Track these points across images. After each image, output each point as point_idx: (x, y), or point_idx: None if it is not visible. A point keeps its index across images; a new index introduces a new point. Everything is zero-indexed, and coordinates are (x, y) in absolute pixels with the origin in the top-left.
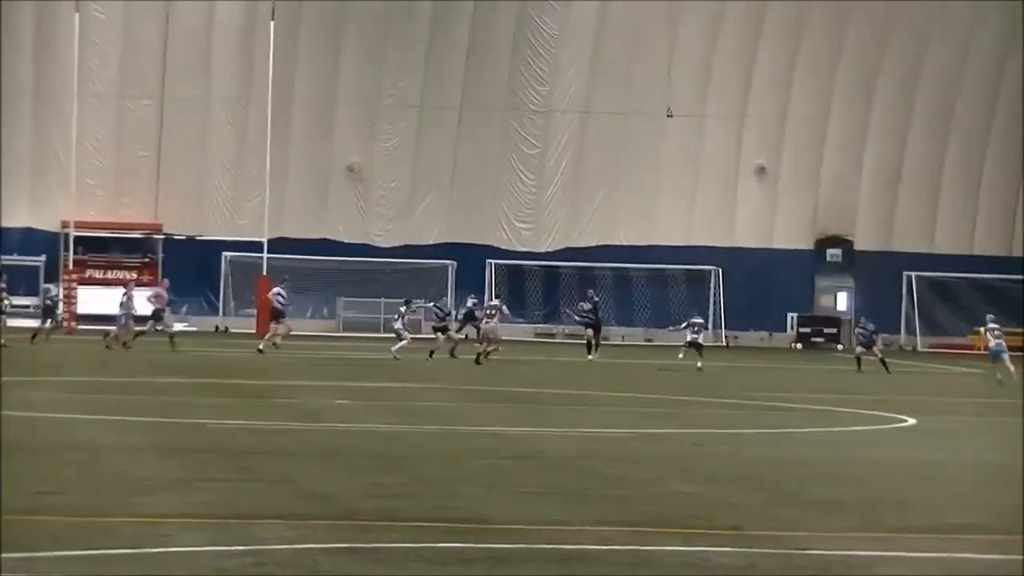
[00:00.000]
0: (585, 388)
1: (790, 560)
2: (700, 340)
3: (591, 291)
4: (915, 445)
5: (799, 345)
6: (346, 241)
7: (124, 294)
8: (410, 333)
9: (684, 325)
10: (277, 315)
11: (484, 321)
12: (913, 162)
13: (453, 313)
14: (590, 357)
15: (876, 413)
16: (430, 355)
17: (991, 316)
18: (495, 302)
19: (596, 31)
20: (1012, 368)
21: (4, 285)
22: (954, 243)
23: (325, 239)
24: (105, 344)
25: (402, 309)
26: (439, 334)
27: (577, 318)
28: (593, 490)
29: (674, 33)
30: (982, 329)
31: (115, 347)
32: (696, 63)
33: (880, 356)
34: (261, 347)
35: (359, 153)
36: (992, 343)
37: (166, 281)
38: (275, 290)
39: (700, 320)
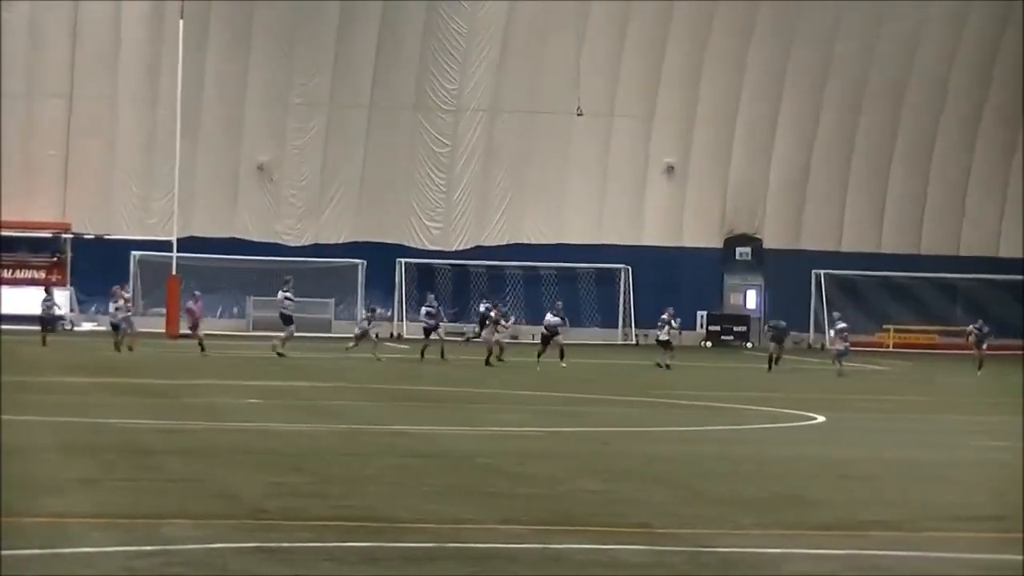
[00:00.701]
0: (492, 387)
1: (697, 557)
2: (668, 337)
3: (431, 294)
4: (822, 442)
5: (709, 343)
6: (256, 240)
7: (119, 299)
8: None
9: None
10: (286, 320)
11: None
12: (821, 161)
13: (442, 313)
14: (426, 356)
15: (784, 411)
16: (421, 356)
17: (838, 315)
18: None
19: (505, 30)
20: (839, 366)
21: None
22: (862, 241)
23: (235, 238)
24: (126, 347)
25: (367, 314)
26: (430, 335)
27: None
28: (501, 488)
29: (582, 32)
30: (832, 332)
31: (133, 348)
32: (605, 62)
33: (773, 353)
34: (281, 351)
35: (269, 152)
36: (840, 346)
37: (198, 294)
38: (281, 294)
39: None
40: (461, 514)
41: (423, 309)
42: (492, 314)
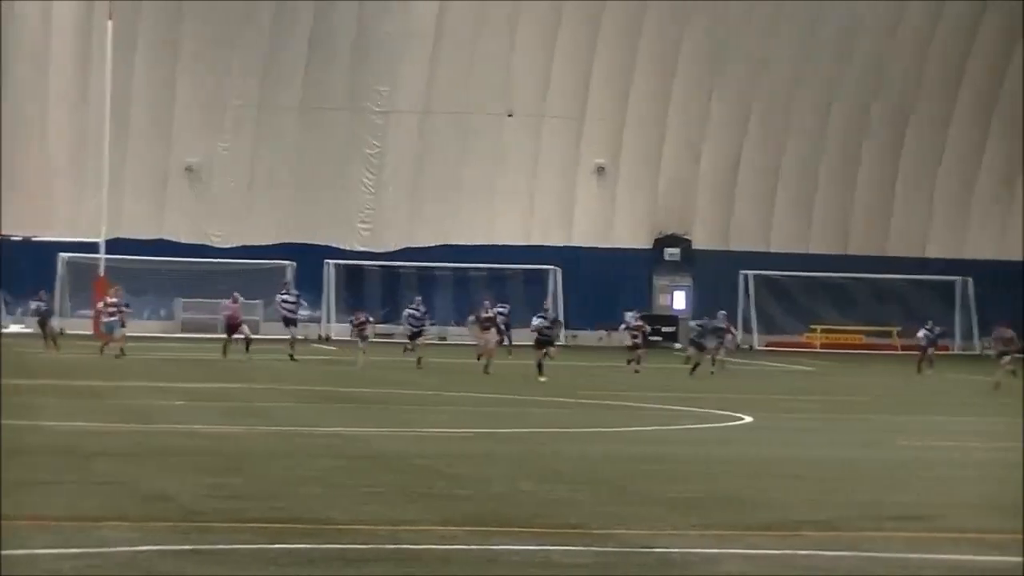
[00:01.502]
0: (425, 388)
1: (631, 558)
2: (640, 342)
3: (418, 296)
4: (752, 442)
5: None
6: (184, 242)
7: (114, 303)
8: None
9: (623, 327)
10: (288, 322)
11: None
12: (750, 162)
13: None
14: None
15: (713, 411)
16: (418, 363)
17: (723, 313)
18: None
19: (436, 32)
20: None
21: None
22: (790, 242)
23: (163, 239)
24: (117, 353)
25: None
26: (416, 339)
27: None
28: (436, 489)
29: (513, 33)
30: (694, 323)
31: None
32: (535, 63)
33: (693, 358)
34: (293, 356)
35: (198, 153)
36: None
37: (237, 294)
38: (279, 297)
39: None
40: (397, 515)
41: (407, 312)
42: (490, 314)
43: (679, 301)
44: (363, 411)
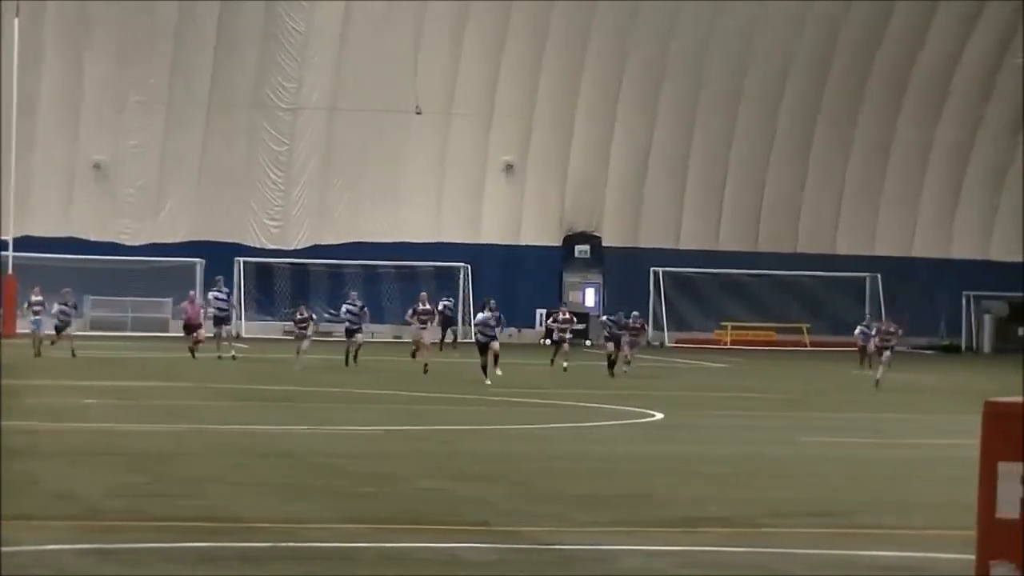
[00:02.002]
0: (333, 385)
1: (536, 555)
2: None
3: (354, 292)
4: (661, 439)
5: (547, 341)
6: (93, 240)
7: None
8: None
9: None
10: (218, 321)
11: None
12: (659, 159)
13: (366, 312)
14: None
15: (624, 408)
16: (346, 360)
17: (636, 313)
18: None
19: (343, 28)
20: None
21: None
22: (699, 239)
23: (71, 237)
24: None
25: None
26: (353, 336)
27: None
28: (342, 487)
29: (421, 30)
30: (605, 318)
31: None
32: (443, 61)
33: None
34: (223, 355)
35: (105, 151)
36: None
37: (193, 293)
38: (210, 295)
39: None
40: (300, 513)
41: (344, 307)
42: (427, 307)
43: (589, 298)
44: (275, 409)
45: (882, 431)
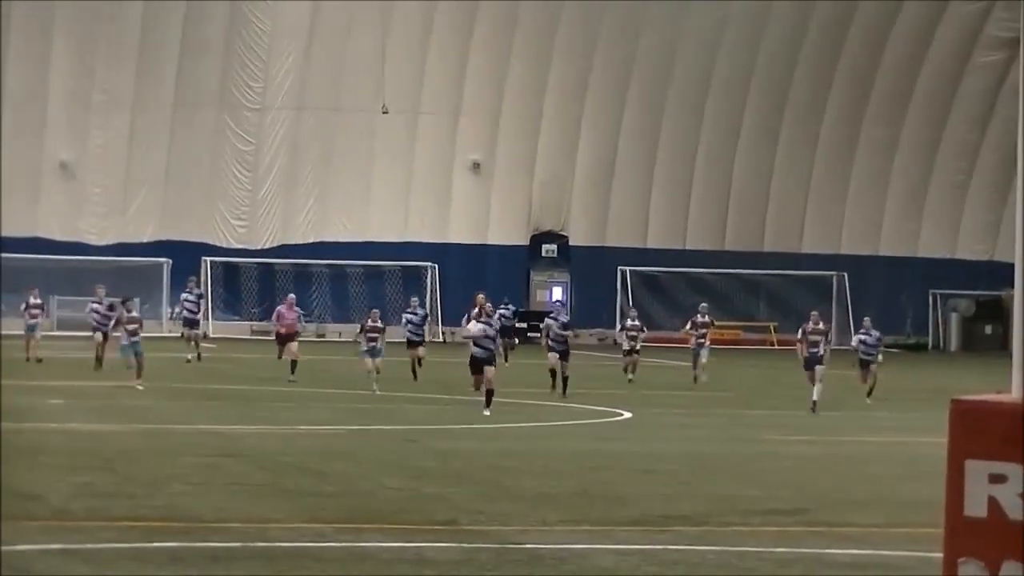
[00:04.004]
0: (298, 385)
1: (504, 554)
2: (637, 347)
3: (415, 298)
4: (628, 438)
5: (515, 340)
6: (59, 239)
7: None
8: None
9: (620, 328)
10: (188, 323)
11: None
12: (626, 159)
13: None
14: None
15: (592, 407)
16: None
17: (564, 315)
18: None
19: (309, 28)
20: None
21: None
22: (666, 239)
23: (37, 237)
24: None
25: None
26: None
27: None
28: (306, 487)
29: (387, 29)
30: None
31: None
32: (410, 59)
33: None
34: (192, 356)
35: (71, 150)
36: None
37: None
38: (182, 295)
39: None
40: (266, 513)
41: (405, 317)
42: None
43: (556, 297)
44: (235, 408)
45: (847, 429)
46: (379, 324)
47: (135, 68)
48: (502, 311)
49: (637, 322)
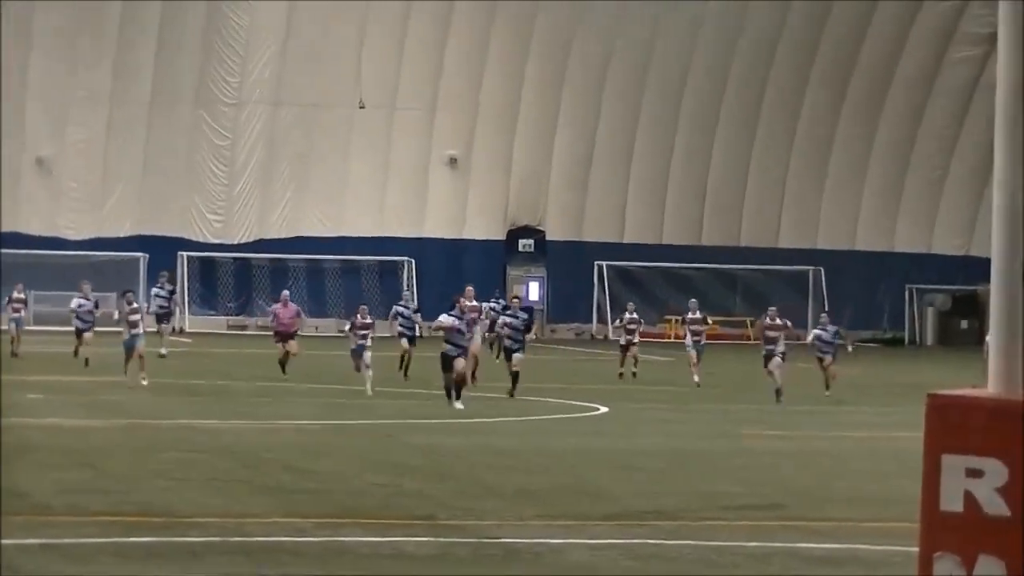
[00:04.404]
0: (276, 380)
1: (482, 549)
2: (635, 340)
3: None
4: (606, 433)
5: (492, 334)
6: (36, 234)
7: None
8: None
9: (617, 323)
10: (159, 318)
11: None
12: (602, 153)
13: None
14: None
15: (569, 402)
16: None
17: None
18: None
19: (286, 23)
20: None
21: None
22: (643, 233)
23: (15, 232)
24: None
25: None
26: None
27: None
28: (285, 482)
29: (364, 25)
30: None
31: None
32: (386, 55)
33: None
34: (165, 352)
35: (49, 146)
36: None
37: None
38: (153, 289)
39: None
40: (245, 508)
41: (395, 309)
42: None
43: (533, 292)
44: (214, 403)
45: (824, 424)
46: (368, 320)
47: (112, 64)
48: (492, 305)
49: (635, 315)
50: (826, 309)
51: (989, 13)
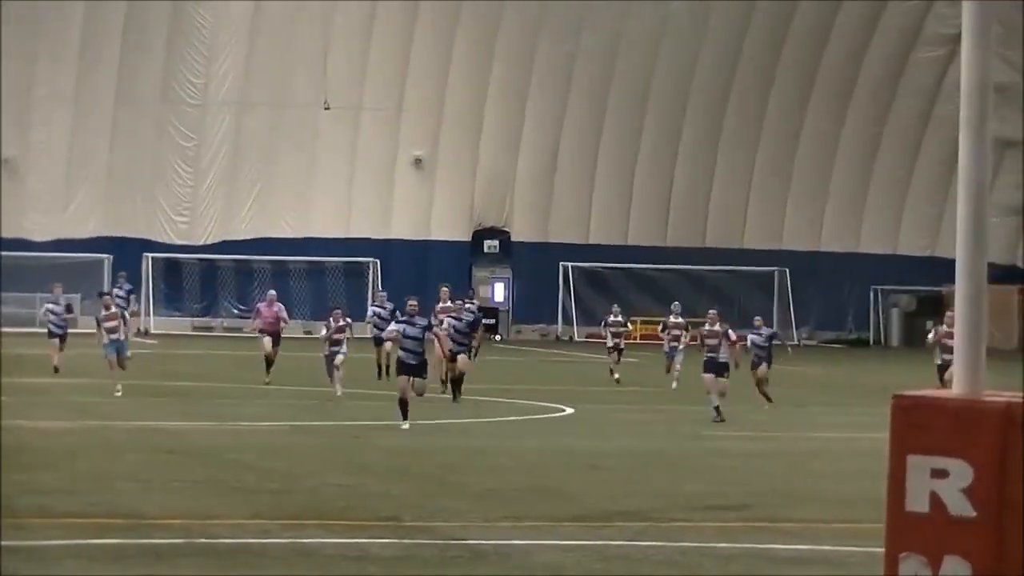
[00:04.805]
0: (240, 381)
1: (447, 550)
2: (621, 344)
3: (383, 292)
4: (572, 434)
5: (496, 335)
6: (0, 236)
7: None
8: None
9: (603, 324)
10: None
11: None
12: (568, 155)
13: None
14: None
15: (534, 403)
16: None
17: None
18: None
19: (251, 24)
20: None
21: None
22: (608, 234)
23: None
24: None
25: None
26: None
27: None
28: (249, 484)
29: (329, 25)
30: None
31: None
32: (352, 55)
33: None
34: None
35: (12, 146)
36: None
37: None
38: (112, 290)
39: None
40: (210, 510)
41: (371, 310)
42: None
43: (499, 293)
44: (178, 404)
45: (790, 425)
46: (343, 323)
47: (76, 63)
48: (468, 306)
49: (620, 317)
50: (789, 309)
51: (953, 14)
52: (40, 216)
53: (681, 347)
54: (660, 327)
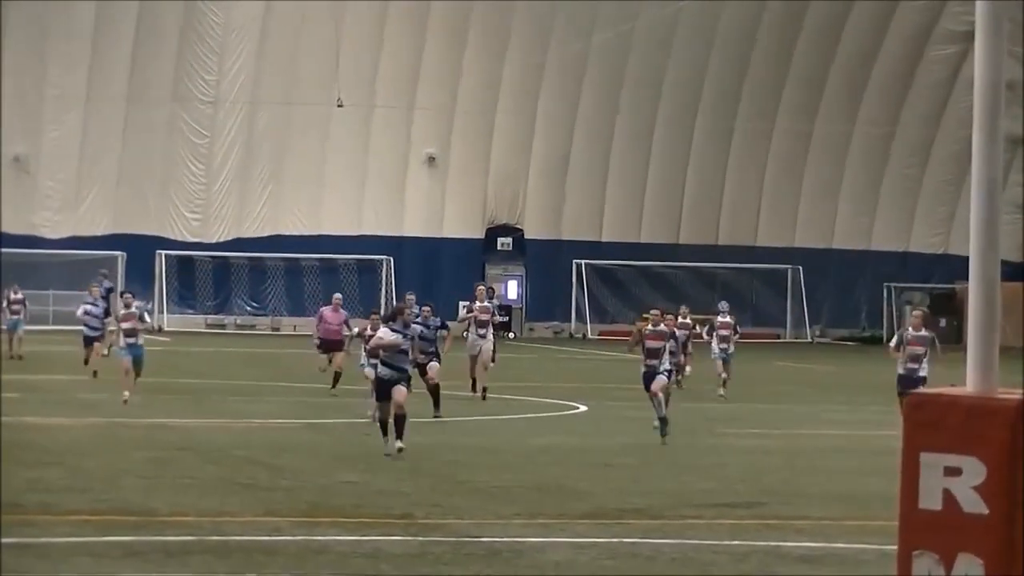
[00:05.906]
0: (252, 379)
1: (460, 548)
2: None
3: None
4: (585, 432)
5: (510, 333)
6: (13, 233)
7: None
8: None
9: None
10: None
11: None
12: (580, 152)
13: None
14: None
15: (547, 400)
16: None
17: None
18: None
19: (264, 21)
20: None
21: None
22: (622, 232)
23: None
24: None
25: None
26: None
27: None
28: (260, 481)
29: (341, 22)
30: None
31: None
32: (364, 53)
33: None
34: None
35: (25, 144)
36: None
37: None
38: (89, 290)
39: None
40: (221, 507)
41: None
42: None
43: (512, 291)
44: (189, 402)
45: (803, 422)
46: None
47: (89, 61)
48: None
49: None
50: (802, 306)
51: (965, 11)
52: (52, 214)
53: (732, 349)
54: (707, 328)
